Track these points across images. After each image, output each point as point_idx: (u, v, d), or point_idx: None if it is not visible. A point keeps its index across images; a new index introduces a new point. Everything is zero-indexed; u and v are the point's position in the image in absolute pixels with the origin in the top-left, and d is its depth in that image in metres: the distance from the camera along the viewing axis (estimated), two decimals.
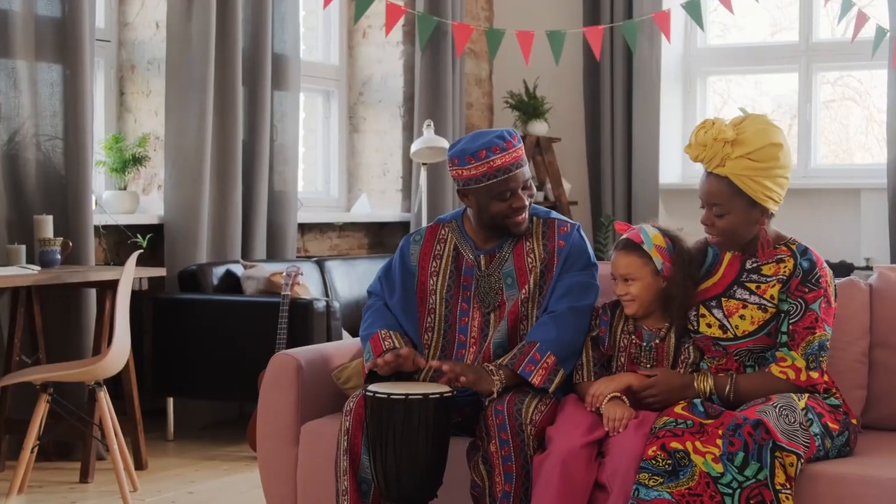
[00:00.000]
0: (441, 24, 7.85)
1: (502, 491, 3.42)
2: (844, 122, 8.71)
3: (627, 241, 3.59)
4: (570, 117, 8.57)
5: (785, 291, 3.42)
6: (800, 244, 3.49)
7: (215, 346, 6.00)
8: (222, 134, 6.52)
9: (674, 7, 7.91)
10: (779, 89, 8.73)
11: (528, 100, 8.30)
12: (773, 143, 3.40)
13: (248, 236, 6.75)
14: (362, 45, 8.11)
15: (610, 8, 8.26)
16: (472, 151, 3.63)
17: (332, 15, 7.97)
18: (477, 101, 8.74)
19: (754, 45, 8.59)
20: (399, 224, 8.03)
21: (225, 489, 5.24)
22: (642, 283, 3.54)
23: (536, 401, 3.50)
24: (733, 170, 3.40)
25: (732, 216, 3.44)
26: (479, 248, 3.77)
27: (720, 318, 3.46)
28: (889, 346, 3.80)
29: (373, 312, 3.83)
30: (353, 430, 3.52)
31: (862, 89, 8.56)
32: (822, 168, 8.25)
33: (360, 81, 8.11)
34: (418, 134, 7.68)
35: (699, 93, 8.61)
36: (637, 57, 8.21)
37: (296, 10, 7.06)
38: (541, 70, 8.24)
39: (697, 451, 3.17)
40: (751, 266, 3.49)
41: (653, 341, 3.57)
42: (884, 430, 3.75)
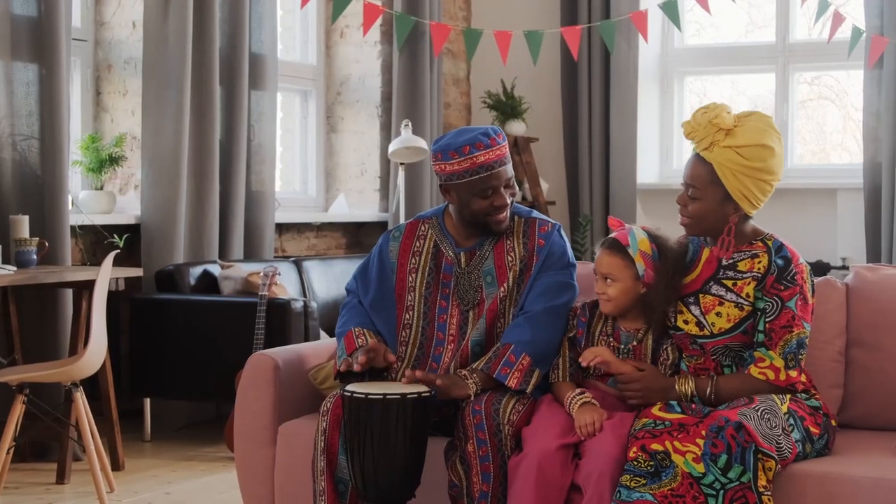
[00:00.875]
0: (419, 24, 7.84)
1: (480, 491, 3.42)
2: (821, 122, 8.74)
3: (614, 241, 3.57)
4: (547, 117, 8.58)
5: (760, 289, 3.42)
6: (776, 240, 3.48)
7: (192, 347, 5.98)
8: (199, 134, 6.50)
9: (651, 7, 7.92)
10: (755, 89, 8.75)
11: (506, 100, 8.31)
12: (765, 146, 3.38)
13: (225, 236, 6.73)
14: (340, 45, 8.10)
15: (587, 8, 8.28)
16: (456, 147, 3.62)
17: (310, 14, 7.96)
18: (455, 101, 8.74)
19: (731, 45, 8.61)
20: (377, 224, 8.03)
21: (202, 490, 5.23)
22: (622, 285, 3.53)
23: (514, 401, 3.50)
24: (718, 157, 3.39)
25: (704, 203, 3.43)
26: (459, 245, 3.76)
27: (697, 314, 3.46)
28: (865, 345, 3.82)
29: (348, 310, 3.83)
30: (331, 430, 3.51)
31: (839, 89, 8.59)
32: (798, 168, 8.27)
33: (337, 81, 8.10)
34: (396, 134, 7.68)
35: (676, 93, 8.63)
36: (614, 57, 8.22)
37: (273, 9, 7.05)
38: (519, 70, 8.25)
39: (677, 450, 3.17)
40: (727, 262, 3.49)
41: (630, 343, 3.57)
42: (860, 428, 3.76)
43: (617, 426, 3.35)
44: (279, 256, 7.25)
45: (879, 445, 3.53)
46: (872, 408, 3.79)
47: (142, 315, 6.10)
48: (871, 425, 3.78)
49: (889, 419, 3.72)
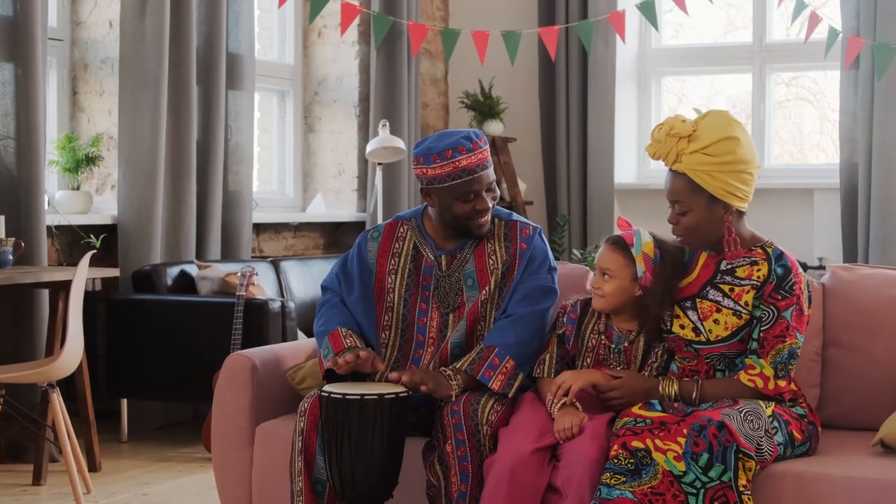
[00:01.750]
0: (396, 24, 7.84)
1: (458, 491, 3.42)
2: (799, 122, 8.77)
3: (619, 238, 3.57)
4: (525, 117, 8.59)
5: (758, 298, 3.40)
6: (776, 248, 3.46)
7: (169, 347, 5.96)
8: (176, 134, 6.49)
9: (628, 7, 7.93)
10: (733, 89, 8.78)
11: (484, 100, 8.31)
12: (729, 137, 3.38)
13: (202, 236, 6.72)
14: (317, 45, 8.09)
15: (565, 8, 8.28)
16: (438, 151, 3.62)
17: (287, 14, 7.95)
18: (432, 101, 8.73)
19: (708, 45, 8.64)
20: (355, 224, 8.02)
21: (179, 490, 5.22)
22: (618, 283, 3.53)
23: (493, 401, 3.50)
24: (689, 165, 3.39)
25: (694, 213, 3.42)
26: (439, 247, 3.76)
27: (694, 320, 3.44)
28: (841, 344, 3.83)
29: (329, 308, 3.80)
30: (308, 430, 3.51)
31: (816, 89, 8.63)
32: (775, 168, 8.30)
33: (315, 81, 8.09)
34: (374, 134, 7.68)
35: (654, 93, 8.65)
36: (592, 57, 8.23)
37: (250, 9, 7.03)
38: (496, 70, 8.25)
39: (658, 448, 3.17)
40: (725, 267, 3.47)
41: (622, 344, 3.56)
42: (836, 428, 3.77)
43: (596, 428, 3.35)
44: (256, 257, 7.23)
45: (856, 445, 3.54)
46: (849, 407, 3.81)
47: (118, 315, 6.07)
48: (848, 425, 3.79)
49: (865, 418, 3.74)
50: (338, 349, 3.63)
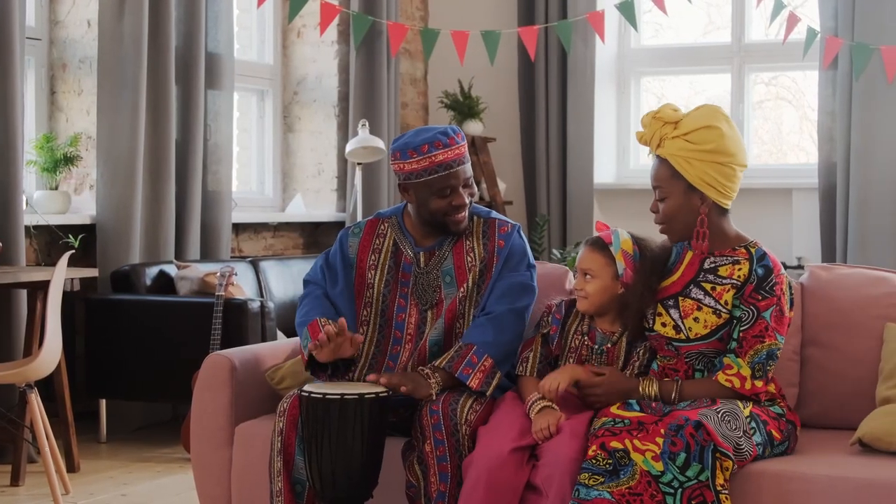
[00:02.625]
0: (376, 24, 7.83)
1: (437, 491, 3.42)
2: (778, 122, 8.80)
3: (598, 238, 3.59)
4: (505, 117, 8.59)
5: (739, 297, 3.41)
6: (759, 248, 3.47)
7: (148, 347, 5.95)
8: (155, 133, 6.47)
9: (608, 8, 7.94)
10: (713, 89, 8.80)
11: (464, 99, 8.31)
12: (710, 126, 3.39)
13: (181, 236, 6.70)
14: (297, 45, 8.08)
15: (545, 8, 8.29)
16: (415, 145, 3.62)
17: (266, 14, 7.94)
18: (412, 101, 8.73)
19: (687, 45, 8.65)
20: (334, 224, 8.01)
21: (158, 491, 5.20)
22: (600, 283, 3.54)
23: (471, 401, 3.50)
24: (670, 150, 3.40)
25: (672, 200, 3.43)
26: (418, 244, 3.76)
27: (675, 318, 3.45)
28: (820, 343, 3.84)
29: (311, 300, 3.79)
30: (287, 430, 3.50)
31: (796, 89, 8.65)
32: (754, 168, 8.29)
33: (294, 81, 8.08)
34: (353, 133, 7.67)
35: (633, 93, 8.66)
36: (571, 57, 8.24)
37: (229, 8, 7.02)
38: (476, 70, 8.25)
39: (637, 448, 3.17)
40: (708, 266, 3.48)
41: (605, 345, 3.57)
42: (815, 427, 3.79)
43: (575, 427, 3.35)
44: (236, 256, 7.22)
45: (834, 444, 3.55)
46: (827, 406, 3.82)
47: (97, 316, 6.05)
48: (827, 424, 3.80)
49: (844, 418, 3.75)
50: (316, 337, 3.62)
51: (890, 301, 3.81)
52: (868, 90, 7.47)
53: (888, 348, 3.70)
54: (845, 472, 3.27)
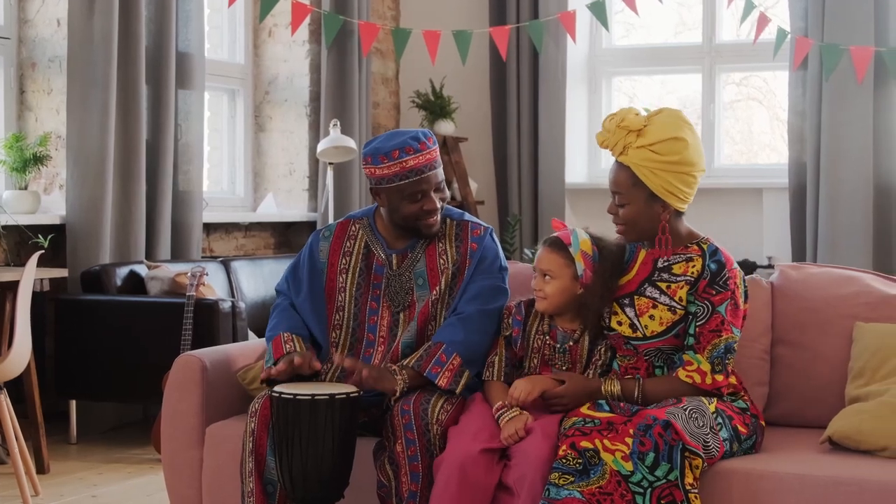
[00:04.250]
0: (347, 24, 7.82)
1: (408, 491, 3.42)
2: (749, 122, 8.83)
3: (556, 239, 3.59)
4: (476, 117, 8.59)
5: (693, 293, 3.44)
6: (711, 244, 3.50)
7: (119, 348, 5.92)
8: (125, 133, 6.44)
9: (579, 8, 7.96)
10: (684, 89, 8.82)
11: (435, 99, 8.31)
12: (676, 138, 3.40)
13: (152, 236, 6.68)
14: (268, 44, 8.06)
15: (516, 8, 8.30)
16: (386, 151, 3.62)
17: (237, 13, 7.91)
18: (384, 101, 8.73)
19: (658, 46, 8.67)
20: (306, 224, 8.00)
21: (129, 492, 5.18)
22: (559, 283, 3.55)
23: (443, 400, 3.50)
24: (634, 159, 3.42)
25: (633, 207, 3.45)
26: (390, 246, 3.76)
27: (631, 316, 3.47)
28: (789, 343, 3.86)
29: (278, 313, 3.80)
30: (259, 431, 3.50)
31: (767, 89, 8.69)
32: (725, 168, 8.35)
33: (265, 80, 8.06)
34: (325, 133, 7.66)
35: (604, 93, 8.68)
36: (543, 57, 8.25)
37: (200, 7, 7.00)
38: (447, 70, 8.25)
39: (607, 448, 3.18)
40: (662, 264, 3.50)
41: (566, 343, 3.58)
42: (785, 426, 3.80)
43: (548, 427, 3.36)
44: (207, 256, 7.20)
45: (804, 442, 3.57)
46: (797, 405, 3.84)
47: (67, 316, 6.02)
48: (796, 422, 3.82)
49: (814, 416, 3.77)
50: (278, 355, 3.63)
51: (859, 300, 3.83)
52: (838, 90, 7.51)
53: (857, 347, 3.73)
54: (815, 470, 3.28)
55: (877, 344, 3.68)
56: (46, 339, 6.08)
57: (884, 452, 3.40)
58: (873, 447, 3.41)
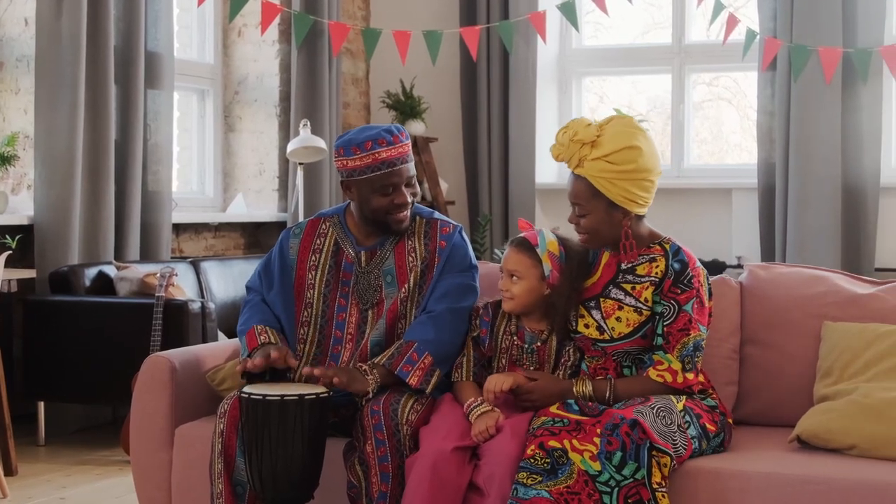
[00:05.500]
0: (317, 24, 7.81)
1: (378, 491, 3.41)
2: (720, 122, 8.86)
3: (523, 239, 3.61)
4: (447, 117, 8.60)
5: (658, 293, 3.46)
6: (673, 244, 3.52)
7: (88, 349, 5.90)
8: (94, 133, 6.41)
9: (549, 8, 7.97)
10: (654, 90, 8.84)
11: (406, 99, 8.31)
12: (631, 147, 3.42)
13: (121, 237, 6.65)
14: (238, 44, 8.04)
15: (486, 9, 8.30)
16: (358, 142, 3.62)
17: (207, 13, 7.89)
18: (354, 101, 8.72)
19: (628, 46, 8.69)
20: (276, 224, 7.98)
21: (98, 494, 5.16)
22: (526, 284, 3.56)
23: (412, 401, 3.50)
24: (591, 171, 3.43)
25: (593, 216, 3.47)
26: (360, 244, 3.76)
27: (598, 319, 3.48)
28: (759, 342, 3.87)
29: (250, 307, 3.80)
30: (228, 432, 3.49)
31: (737, 90, 8.72)
32: (694, 168, 8.37)
33: (235, 80, 8.04)
34: (295, 133, 7.65)
35: (575, 93, 8.69)
36: (513, 57, 8.26)
37: (169, 7, 6.97)
38: (418, 70, 8.25)
39: (575, 448, 3.19)
40: (626, 266, 3.52)
41: (534, 343, 3.59)
42: (754, 425, 3.82)
43: (516, 426, 3.37)
44: (176, 257, 7.17)
45: (772, 441, 3.58)
46: (766, 404, 3.85)
47: (35, 317, 5.99)
48: (765, 422, 3.84)
49: (782, 415, 3.78)
50: (252, 347, 3.63)
51: (827, 300, 3.85)
52: (806, 91, 7.54)
53: (826, 346, 3.74)
54: (783, 469, 3.30)
55: (845, 343, 3.70)
56: (14, 340, 6.06)
57: (852, 451, 3.41)
58: (841, 446, 3.43)
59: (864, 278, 4.01)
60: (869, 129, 7.52)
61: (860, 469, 3.28)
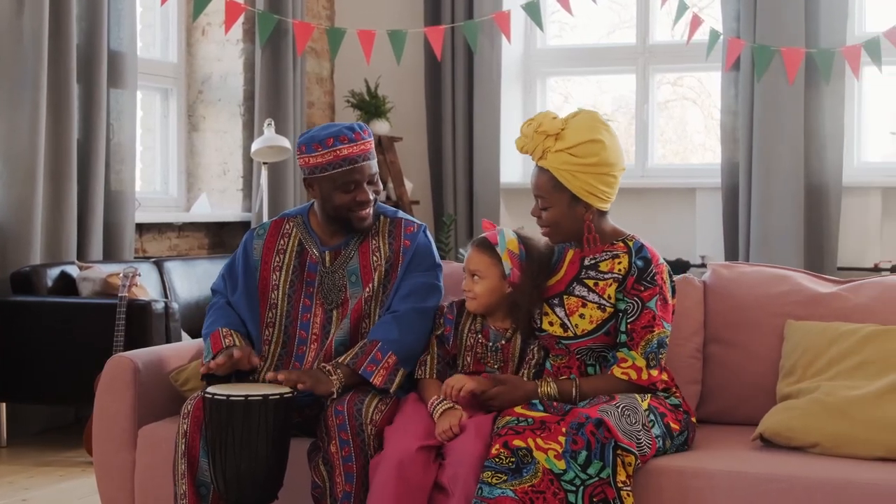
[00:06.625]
0: (281, 23, 7.79)
1: (343, 491, 3.41)
2: (684, 122, 8.88)
3: (483, 239, 3.63)
4: (411, 117, 8.59)
5: (621, 290, 3.47)
6: (636, 241, 3.54)
7: (50, 350, 5.86)
8: (56, 132, 6.37)
9: (514, 8, 7.97)
10: (619, 89, 8.86)
11: (370, 99, 8.29)
12: (594, 140, 3.44)
13: (83, 237, 6.61)
14: (201, 43, 8.01)
15: (451, 8, 8.30)
16: (320, 139, 3.63)
17: (170, 11, 7.86)
18: (318, 100, 8.70)
19: (593, 46, 8.71)
20: (240, 224, 7.95)
21: (61, 495, 5.13)
22: (488, 283, 3.57)
23: (377, 400, 3.50)
24: (553, 163, 3.45)
25: (555, 209, 3.49)
26: (324, 244, 3.75)
27: (561, 316, 3.49)
28: (722, 341, 3.89)
29: (215, 310, 3.80)
30: (191, 432, 3.47)
31: (702, 90, 8.75)
32: (658, 168, 8.40)
33: (199, 80, 8.01)
34: (259, 133, 7.62)
35: (539, 93, 8.70)
36: (478, 57, 8.26)
37: (132, 6, 6.94)
38: (382, 69, 8.24)
39: (539, 447, 3.20)
40: (589, 262, 3.53)
41: (499, 342, 3.59)
42: (717, 423, 3.83)
43: (480, 425, 3.37)
44: (140, 257, 7.14)
45: (735, 440, 3.60)
46: (729, 403, 3.87)
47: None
48: (729, 420, 3.86)
49: (746, 414, 3.80)
50: (216, 349, 3.62)
51: (790, 299, 3.87)
52: (769, 91, 7.58)
53: (788, 345, 3.76)
54: (746, 467, 3.31)
55: (807, 342, 3.72)
56: None
57: (814, 449, 3.43)
58: (804, 444, 3.45)
59: (826, 277, 4.03)
60: (831, 128, 7.56)
61: (822, 467, 3.30)
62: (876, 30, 7.54)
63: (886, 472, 3.26)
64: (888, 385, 3.47)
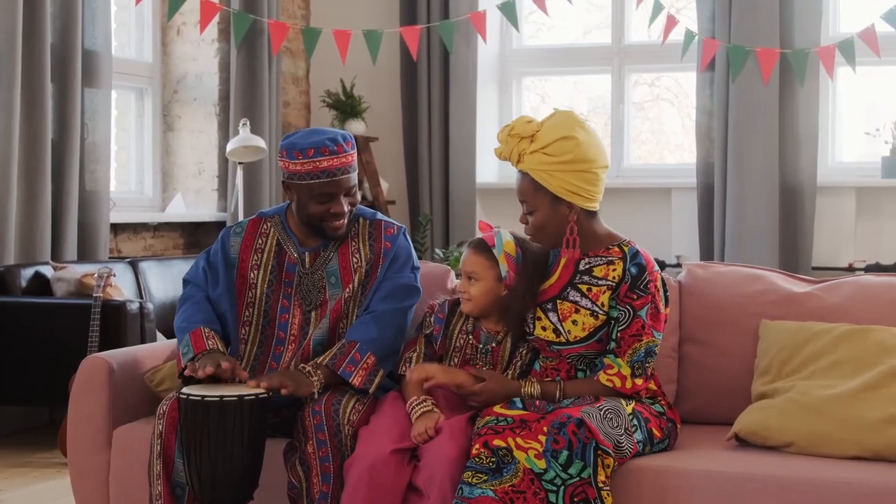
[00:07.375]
0: (257, 22, 7.78)
1: (320, 492, 3.41)
2: (661, 122, 8.90)
3: (480, 241, 3.62)
4: (387, 117, 8.58)
5: (615, 298, 3.45)
6: (632, 246, 3.51)
7: (24, 350, 5.83)
8: (30, 132, 6.35)
9: (490, 8, 7.98)
10: (595, 90, 8.87)
11: (346, 99, 8.28)
12: (566, 137, 3.42)
13: (58, 237, 6.58)
14: (176, 43, 7.99)
15: (426, 8, 8.29)
16: (302, 147, 3.61)
17: (145, 11, 7.83)
18: (294, 100, 8.68)
19: (569, 46, 8.72)
20: (215, 224, 7.93)
21: (35, 497, 5.11)
22: (484, 285, 3.56)
23: (354, 401, 3.50)
24: (530, 164, 3.44)
25: (540, 212, 3.47)
26: (303, 245, 3.75)
27: (554, 321, 3.48)
28: (697, 341, 3.90)
29: (193, 304, 3.75)
30: (167, 433, 3.46)
31: (678, 90, 8.76)
32: (634, 168, 8.41)
33: (174, 79, 7.99)
34: (234, 133, 7.61)
35: (515, 93, 8.70)
36: (454, 57, 8.26)
37: (107, 5, 6.91)
38: (358, 69, 8.23)
39: (520, 447, 3.19)
40: (584, 267, 3.52)
41: (490, 344, 3.59)
42: (693, 423, 3.84)
43: (455, 427, 3.37)
44: (114, 257, 7.11)
45: (711, 439, 3.61)
46: (705, 402, 3.88)
47: None
48: (704, 420, 3.86)
49: (721, 413, 3.81)
50: (199, 350, 3.59)
51: (765, 298, 3.88)
52: (744, 91, 7.60)
53: (763, 345, 3.77)
54: (722, 466, 3.32)
55: (782, 341, 3.73)
56: None
57: (789, 448, 3.45)
58: (779, 443, 3.46)
59: (801, 277, 4.04)
60: (806, 129, 7.59)
61: (797, 466, 3.31)
62: (850, 30, 7.58)
63: (860, 470, 3.27)
64: (862, 384, 3.49)
